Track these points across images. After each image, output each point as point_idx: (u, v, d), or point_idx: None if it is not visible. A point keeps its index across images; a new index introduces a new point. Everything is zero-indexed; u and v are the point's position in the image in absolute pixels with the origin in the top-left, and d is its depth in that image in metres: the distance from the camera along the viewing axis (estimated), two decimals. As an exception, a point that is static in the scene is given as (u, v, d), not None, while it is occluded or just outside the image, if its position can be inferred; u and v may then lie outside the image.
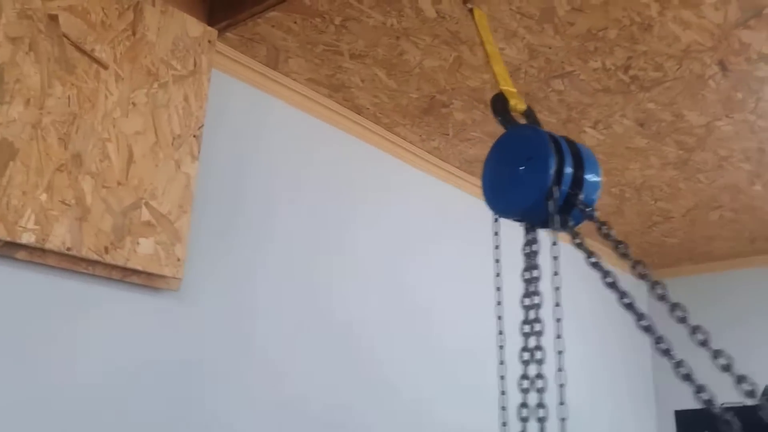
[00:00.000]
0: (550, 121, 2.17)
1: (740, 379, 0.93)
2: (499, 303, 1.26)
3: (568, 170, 1.19)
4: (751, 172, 2.46)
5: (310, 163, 2.06)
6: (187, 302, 1.67)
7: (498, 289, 1.26)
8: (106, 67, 1.52)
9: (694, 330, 1.05)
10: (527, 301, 1.22)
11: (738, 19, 1.63)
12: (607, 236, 1.18)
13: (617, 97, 2.02)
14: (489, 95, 2.02)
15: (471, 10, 1.50)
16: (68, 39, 1.47)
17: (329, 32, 1.77)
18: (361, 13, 1.69)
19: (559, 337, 1.12)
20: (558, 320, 1.14)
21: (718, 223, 3.00)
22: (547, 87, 1.98)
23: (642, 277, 1.13)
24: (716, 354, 1.00)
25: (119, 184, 1.52)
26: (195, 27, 1.72)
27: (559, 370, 1.07)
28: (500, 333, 1.24)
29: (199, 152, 1.69)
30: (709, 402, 0.94)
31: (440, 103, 2.10)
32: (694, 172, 2.49)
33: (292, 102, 2.03)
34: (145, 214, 1.56)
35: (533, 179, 1.20)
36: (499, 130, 1.28)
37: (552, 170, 1.17)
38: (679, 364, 1.00)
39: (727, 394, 0.97)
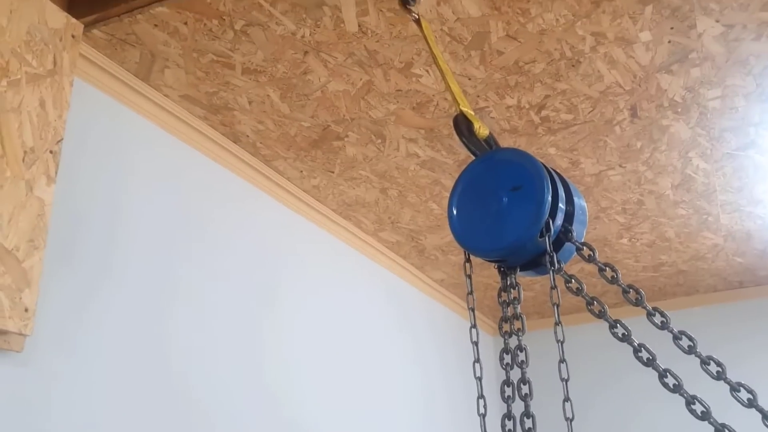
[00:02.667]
0: (446, 162, 2.02)
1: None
2: (476, 360, 1.03)
3: (562, 203, 1.02)
4: (623, 225, 2.47)
5: (178, 196, 1.73)
6: (34, 367, 1.27)
7: (475, 343, 1.04)
8: (-62, 52, 1.13)
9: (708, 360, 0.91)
10: (507, 359, 1.02)
11: (663, 62, 1.58)
12: (601, 271, 1.02)
13: (521, 139, 1.91)
14: (390, 129, 1.84)
15: (418, 21, 1.30)
16: None
17: (225, 39, 1.49)
18: (271, 18, 1.43)
19: (567, 401, 0.92)
20: (564, 380, 0.94)
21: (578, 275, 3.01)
22: (454, 123, 1.82)
23: (636, 303, 0.98)
24: (736, 387, 0.87)
25: (-51, 208, 1.12)
26: (56, 16, 1.36)
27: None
28: (481, 397, 1.02)
29: (56, 173, 1.32)
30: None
31: (334, 135, 1.87)
32: (571, 222, 2.46)
33: (160, 123, 1.70)
34: (-16, 250, 1.17)
35: (523, 212, 1.00)
36: (389, 165, 1.07)
37: (549, 202, 0.99)
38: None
39: None
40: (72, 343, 1.36)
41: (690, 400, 0.86)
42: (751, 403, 0.85)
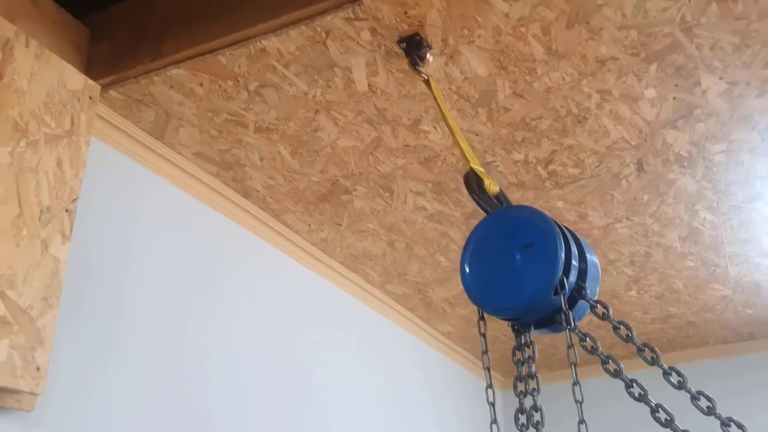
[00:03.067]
0: (454, 215, 2.03)
1: None
2: (493, 422, 1.03)
3: (575, 261, 1.03)
4: (631, 277, 2.47)
5: (188, 251, 1.74)
6: (45, 427, 1.27)
7: (492, 404, 1.04)
8: (-40, 114, 1.16)
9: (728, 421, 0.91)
10: (522, 419, 1.01)
11: (669, 117, 1.61)
12: (615, 329, 1.02)
13: (529, 193, 1.93)
14: (398, 183, 1.86)
15: (427, 81, 1.33)
16: None
17: (239, 99, 1.52)
18: (284, 79, 1.46)
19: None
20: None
21: (585, 328, 3.00)
22: (462, 178, 1.84)
23: (653, 362, 0.98)
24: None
25: (-33, 267, 1.14)
26: (75, 79, 1.40)
27: None
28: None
29: (71, 231, 1.34)
30: None
31: (342, 189, 1.89)
32: (579, 274, 2.46)
33: (173, 180, 1.72)
34: (0, 308, 1.18)
35: (536, 269, 1.01)
36: (399, 220, 1.09)
37: (562, 259, 1.00)
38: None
39: None
40: (83, 402, 1.36)
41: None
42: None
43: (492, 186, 1.18)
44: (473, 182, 1.17)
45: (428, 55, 1.38)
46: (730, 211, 2.03)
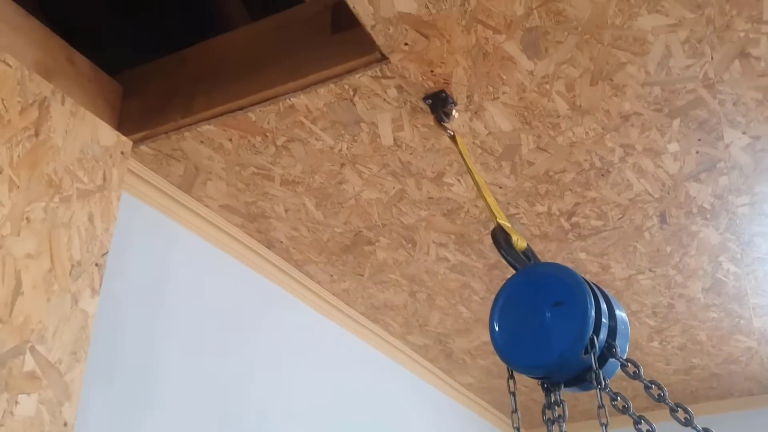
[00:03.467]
0: (476, 266, 2.03)
1: None
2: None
3: (605, 318, 1.03)
4: (653, 328, 2.45)
5: (213, 303, 1.75)
6: (72, 483, 1.26)
7: (523, 465, 1.03)
8: (-1, 171, 1.19)
9: None
10: (554, 481, 1.00)
11: (692, 171, 1.62)
12: (647, 389, 1.01)
13: (551, 245, 1.93)
14: (421, 234, 1.87)
15: (453, 137, 1.35)
16: (-45, 131, 1.13)
17: (266, 154, 1.55)
18: (311, 134, 1.49)
19: None
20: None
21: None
22: (485, 229, 1.86)
23: (686, 423, 0.97)
24: None
25: (0, 321, 1.15)
26: (108, 135, 1.43)
27: None
28: None
29: (100, 285, 1.35)
30: None
31: (365, 240, 1.91)
32: (601, 325, 2.44)
33: (200, 232, 1.74)
34: (29, 363, 1.19)
35: (566, 328, 1.01)
36: (418, 270, 1.09)
37: (593, 317, 1.00)
38: None
39: None
40: (109, 456, 1.36)
41: None
42: None
43: (519, 241, 1.19)
44: (501, 238, 1.18)
45: (454, 111, 1.40)
46: (754, 262, 2.02)
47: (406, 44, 1.26)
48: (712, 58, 1.30)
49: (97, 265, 1.35)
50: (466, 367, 2.78)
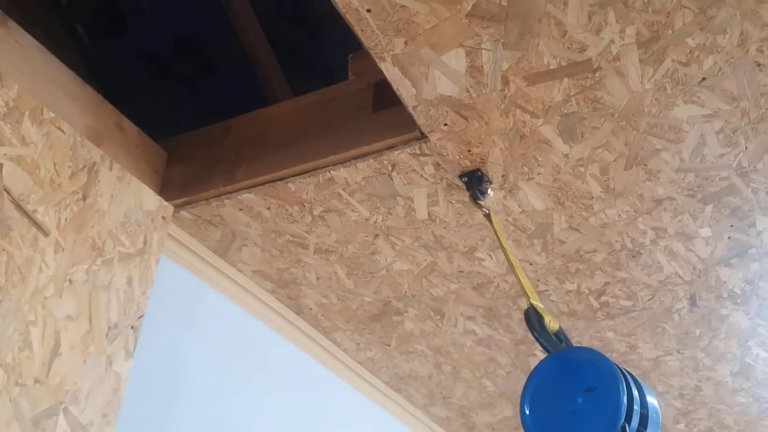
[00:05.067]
0: (503, 340, 2.03)
1: None
2: None
3: (636, 406, 1.02)
4: (680, 410, 2.41)
5: (241, 368, 1.76)
6: None
7: None
8: (47, 234, 1.23)
9: None
10: None
11: (723, 256, 1.62)
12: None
13: (580, 322, 1.93)
14: (450, 306, 1.88)
15: (488, 216, 1.37)
16: (9, 195, 1.17)
17: (303, 222, 1.58)
18: (347, 206, 1.52)
19: None
20: None
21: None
22: (513, 304, 1.86)
23: None
24: None
25: (37, 382, 1.17)
26: (151, 199, 1.47)
27: None
28: None
29: (134, 348, 1.37)
30: None
31: (394, 310, 1.92)
32: (627, 404, 2.41)
33: (231, 296, 1.76)
34: (62, 425, 1.20)
35: (598, 414, 1.01)
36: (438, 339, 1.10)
37: (625, 405, 1.00)
38: None
39: None
40: None
41: None
42: None
43: (552, 323, 1.19)
44: (534, 319, 1.19)
45: (489, 190, 1.43)
46: (784, 348, 1.99)
47: (445, 125, 1.30)
48: (746, 148, 1.32)
49: (132, 327, 1.38)
50: (487, 441, 2.74)
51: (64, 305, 1.24)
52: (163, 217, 1.49)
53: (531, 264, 1.69)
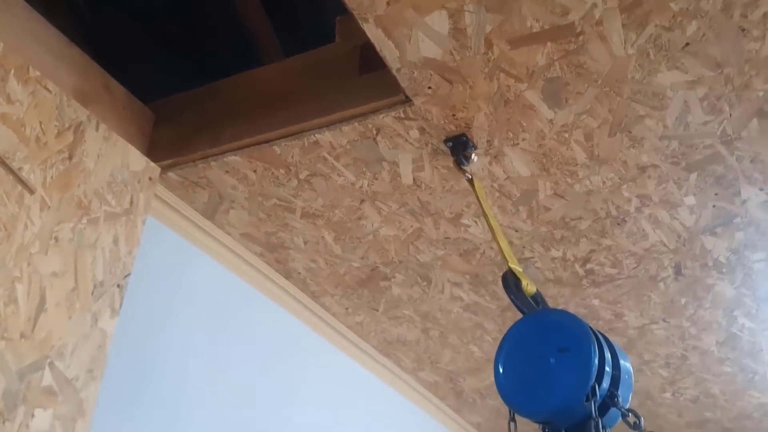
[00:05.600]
0: (489, 307, 2.05)
1: None
2: None
3: (608, 367, 1.04)
4: (666, 378, 2.44)
5: (228, 328, 1.78)
6: (81, 499, 1.29)
7: None
8: (32, 192, 1.23)
9: None
10: None
11: (708, 224, 1.63)
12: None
13: (565, 290, 1.94)
14: (436, 273, 1.89)
15: (471, 181, 1.38)
16: (-7, 151, 1.18)
17: (289, 186, 1.59)
18: (333, 170, 1.53)
19: None
20: None
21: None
22: (499, 271, 1.87)
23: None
24: None
25: (23, 336, 1.19)
26: (137, 160, 1.48)
27: None
28: None
29: (120, 306, 1.39)
30: None
31: (381, 275, 1.93)
32: (613, 373, 2.43)
33: (220, 259, 1.78)
34: (47, 378, 1.22)
35: (570, 375, 1.03)
36: (434, 309, 1.11)
37: (596, 365, 1.01)
38: None
39: None
40: (117, 475, 1.38)
41: None
42: None
43: (529, 286, 1.21)
44: (511, 282, 1.20)
45: (473, 155, 1.43)
46: (769, 318, 2.01)
47: (429, 88, 1.30)
48: (730, 115, 1.32)
49: (118, 286, 1.39)
50: (475, 406, 2.77)
51: (50, 262, 1.26)
52: (150, 178, 1.50)
53: (516, 231, 1.70)
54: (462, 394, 2.68)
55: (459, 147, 1.42)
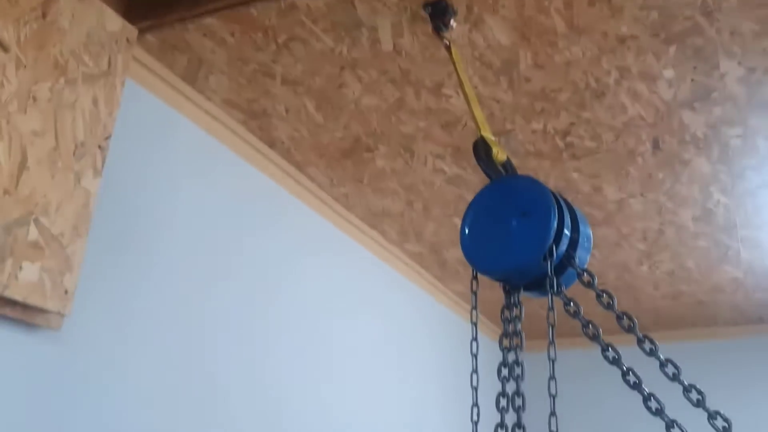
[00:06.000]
0: (472, 180, 2.09)
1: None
2: (474, 371, 1.10)
3: (567, 230, 1.08)
4: (643, 252, 2.51)
5: (213, 194, 1.82)
6: (70, 346, 1.37)
7: (475, 355, 1.11)
8: (6, 50, 1.23)
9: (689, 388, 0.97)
10: (505, 372, 1.08)
11: (686, 99, 1.64)
12: (598, 297, 1.08)
13: (545, 162, 1.97)
14: (419, 145, 1.92)
15: (448, 47, 1.38)
16: (-37, 7, 1.18)
17: (268, 51, 1.58)
18: (311, 34, 1.52)
19: (553, 415, 0.99)
20: (552, 396, 1.01)
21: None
22: (480, 143, 1.89)
23: (629, 330, 1.05)
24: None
25: (6, 192, 1.23)
26: (113, 21, 1.47)
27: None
28: (475, 406, 1.09)
29: (103, 166, 1.42)
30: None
31: (364, 147, 1.96)
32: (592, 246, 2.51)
33: (202, 124, 1.79)
34: (33, 233, 1.27)
35: (529, 236, 1.07)
36: (416, 182, 1.14)
37: (554, 228, 1.06)
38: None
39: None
40: (107, 324, 1.46)
41: (669, 424, 0.92)
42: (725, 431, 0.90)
43: (500, 154, 1.23)
44: (482, 149, 1.23)
45: (452, 22, 1.42)
46: (744, 195, 2.05)
47: (407, -50, 1.28)
48: (711, -16, 1.31)
49: (100, 147, 1.42)
50: (458, 276, 2.87)
51: (29, 121, 1.28)
52: (128, 40, 1.49)
53: (498, 102, 1.71)
54: (446, 264, 2.77)
55: (438, 13, 1.40)
